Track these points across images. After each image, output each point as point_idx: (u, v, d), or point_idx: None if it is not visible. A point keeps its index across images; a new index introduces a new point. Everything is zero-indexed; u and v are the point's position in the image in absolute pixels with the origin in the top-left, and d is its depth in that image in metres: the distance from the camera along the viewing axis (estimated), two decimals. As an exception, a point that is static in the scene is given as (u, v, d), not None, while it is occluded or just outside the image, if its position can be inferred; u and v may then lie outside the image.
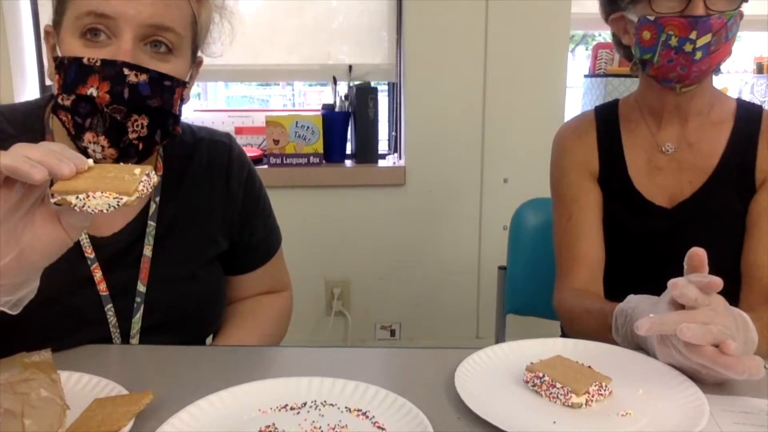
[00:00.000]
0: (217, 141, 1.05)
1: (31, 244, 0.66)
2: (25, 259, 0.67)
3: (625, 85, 2.27)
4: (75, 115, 0.84)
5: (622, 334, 0.90)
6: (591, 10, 2.37)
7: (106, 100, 0.82)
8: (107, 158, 0.85)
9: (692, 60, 1.02)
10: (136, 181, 0.66)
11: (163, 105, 0.86)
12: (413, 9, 2.26)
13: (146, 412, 0.68)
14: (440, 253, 2.42)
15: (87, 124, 0.83)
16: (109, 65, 0.82)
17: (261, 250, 1.09)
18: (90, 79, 0.82)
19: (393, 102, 2.48)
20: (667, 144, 1.15)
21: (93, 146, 0.84)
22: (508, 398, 0.75)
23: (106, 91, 0.82)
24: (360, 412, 0.70)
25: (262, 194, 1.09)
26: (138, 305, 0.93)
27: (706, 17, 1.00)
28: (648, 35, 1.06)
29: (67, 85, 0.83)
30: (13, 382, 0.65)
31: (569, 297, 1.12)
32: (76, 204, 0.64)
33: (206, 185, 1.01)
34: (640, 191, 1.15)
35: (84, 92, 0.82)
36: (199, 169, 1.01)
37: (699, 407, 0.70)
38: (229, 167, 1.04)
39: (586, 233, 1.15)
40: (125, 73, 0.82)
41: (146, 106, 0.84)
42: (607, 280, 1.16)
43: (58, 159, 0.64)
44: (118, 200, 0.65)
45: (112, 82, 0.82)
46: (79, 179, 0.65)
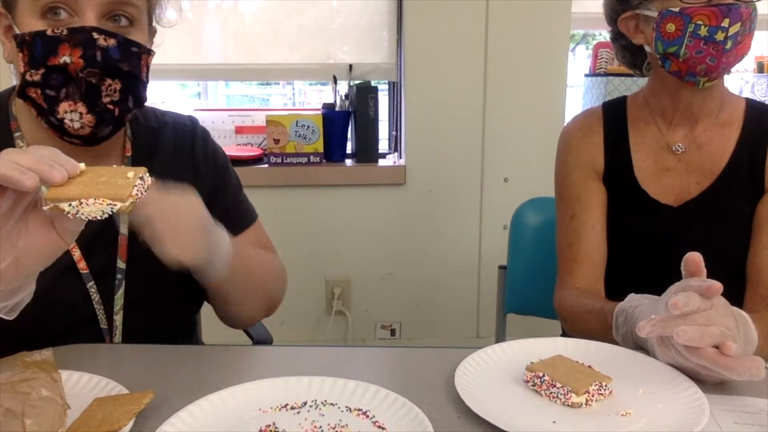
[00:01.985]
0: (181, 124, 1.07)
1: (26, 248, 0.66)
2: (20, 264, 0.67)
3: (626, 84, 2.27)
4: (46, 89, 0.84)
5: (622, 334, 0.90)
6: (591, 10, 2.38)
7: (81, 65, 0.83)
8: (85, 126, 0.86)
9: (723, 50, 1.01)
10: (130, 186, 0.65)
11: (132, 70, 0.88)
12: (413, 8, 2.26)
13: (147, 412, 0.68)
14: (440, 253, 2.42)
15: (61, 94, 0.84)
16: (78, 32, 0.83)
17: (235, 219, 1.08)
18: (60, 48, 0.83)
19: (393, 101, 2.48)
20: (677, 144, 1.14)
21: (70, 115, 0.85)
22: (508, 398, 0.75)
23: (79, 56, 0.83)
24: (360, 412, 0.70)
25: (227, 169, 1.10)
26: (120, 281, 0.95)
27: (737, 5, 1.00)
28: (673, 27, 1.04)
29: (35, 59, 0.84)
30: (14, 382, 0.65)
31: (570, 296, 1.11)
32: (69, 211, 0.64)
33: (174, 166, 1.03)
34: (646, 190, 1.14)
35: (56, 62, 0.83)
36: (166, 153, 1.03)
37: (699, 407, 0.70)
38: (192, 148, 1.06)
39: (588, 233, 1.15)
40: (95, 37, 0.83)
41: (118, 69, 0.86)
42: (610, 280, 1.15)
43: (50, 165, 0.64)
44: (112, 206, 0.64)
45: (84, 47, 0.83)
46: (71, 185, 0.65)
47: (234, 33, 2.36)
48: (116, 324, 0.95)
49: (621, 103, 1.21)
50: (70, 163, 0.66)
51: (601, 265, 1.15)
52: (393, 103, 2.48)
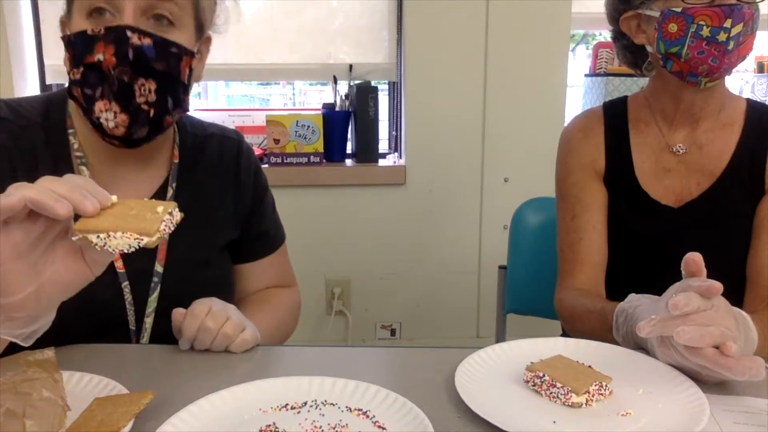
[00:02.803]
0: (228, 137, 1.09)
1: (51, 278, 0.65)
2: (44, 293, 0.65)
3: (626, 85, 2.27)
4: (85, 87, 0.86)
5: (622, 334, 0.90)
6: (592, 10, 2.38)
7: (113, 62, 0.84)
8: (119, 125, 0.87)
9: (725, 51, 1.01)
10: (159, 221, 0.65)
11: (170, 70, 0.88)
12: (413, 8, 2.26)
13: (146, 412, 0.68)
14: (440, 253, 2.42)
15: (97, 94, 0.86)
16: (112, 30, 0.84)
17: (267, 239, 1.12)
18: (96, 47, 0.84)
19: (393, 101, 2.48)
20: (678, 145, 1.14)
21: (106, 115, 0.86)
22: (508, 398, 0.75)
23: (111, 54, 0.84)
24: (360, 412, 0.70)
25: (267, 188, 1.14)
26: (155, 285, 0.95)
27: (740, 5, 0.99)
28: (675, 27, 1.04)
29: (76, 58, 0.86)
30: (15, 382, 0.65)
31: (570, 297, 1.11)
32: (97, 243, 0.63)
33: (217, 177, 1.05)
34: (647, 191, 1.14)
35: (92, 60, 0.84)
36: (211, 162, 1.05)
37: (699, 407, 0.70)
38: (238, 160, 1.07)
39: (589, 233, 1.15)
40: (128, 35, 0.84)
41: (151, 68, 0.86)
42: (611, 280, 1.15)
43: (83, 195, 0.63)
44: (139, 241, 0.64)
45: (116, 45, 0.84)
46: (101, 216, 0.64)
47: (234, 33, 2.36)
48: (146, 327, 0.95)
49: (622, 103, 1.21)
50: (102, 193, 0.65)
51: (601, 266, 1.15)
52: (393, 103, 2.48)
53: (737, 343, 0.74)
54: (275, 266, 1.14)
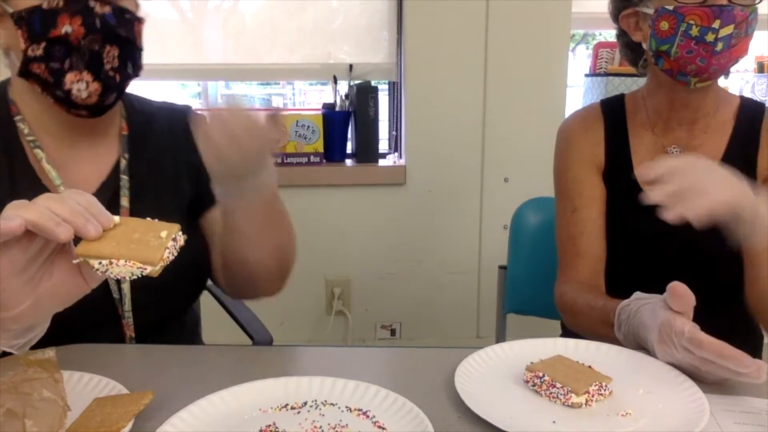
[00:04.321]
0: (176, 109, 1.11)
1: (48, 291, 0.65)
2: (40, 306, 0.65)
3: (626, 85, 2.26)
4: (50, 62, 0.86)
5: (623, 332, 0.90)
6: (591, 10, 2.38)
7: (82, 33, 0.85)
8: (92, 94, 0.88)
9: (712, 51, 1.01)
10: (162, 247, 0.64)
11: (129, 35, 0.91)
12: (414, 8, 2.26)
13: (146, 412, 0.68)
14: (440, 253, 2.42)
15: (66, 66, 0.86)
16: (73, 1, 0.85)
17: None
18: (60, 19, 0.85)
19: (393, 101, 2.48)
20: (672, 147, 1.14)
21: (77, 85, 0.87)
22: (508, 398, 0.75)
23: (80, 24, 0.85)
24: (360, 412, 0.70)
25: None
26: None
27: (730, 7, 0.99)
28: (666, 25, 1.04)
29: (36, 34, 0.86)
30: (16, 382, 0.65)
31: (571, 291, 1.12)
32: (98, 269, 0.63)
33: (169, 146, 1.06)
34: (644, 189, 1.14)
35: (57, 33, 0.85)
36: (162, 133, 1.06)
37: (699, 407, 0.70)
38: (187, 127, 1.06)
39: (589, 228, 1.15)
40: (91, 5, 0.86)
41: (116, 35, 0.88)
42: (609, 277, 1.15)
43: (85, 219, 0.63)
44: (142, 270, 0.63)
45: (83, 15, 0.85)
46: (103, 240, 0.63)
47: (234, 33, 2.36)
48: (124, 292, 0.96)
49: (619, 101, 1.22)
50: (104, 215, 0.65)
51: (601, 260, 1.16)
52: (393, 103, 2.48)
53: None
54: None
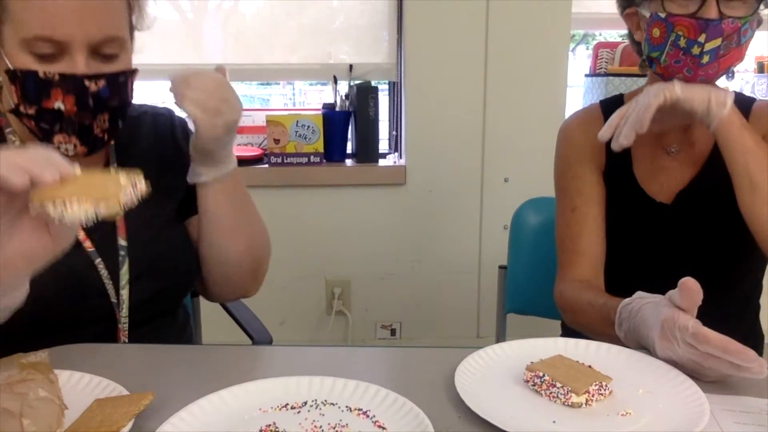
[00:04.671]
0: (159, 114, 1.12)
1: (16, 251, 0.66)
2: (10, 267, 0.66)
3: (626, 85, 2.26)
4: (41, 122, 0.87)
5: (624, 330, 0.90)
6: (592, 10, 2.38)
7: (74, 111, 0.86)
8: (79, 155, 0.90)
9: (698, 63, 1.02)
10: (120, 190, 0.64)
11: (121, 99, 0.92)
12: (414, 8, 2.25)
13: (146, 412, 0.68)
14: (441, 253, 2.42)
15: (55, 128, 0.88)
16: (69, 79, 0.85)
17: None
18: (53, 93, 0.85)
19: (393, 101, 2.48)
20: (673, 146, 1.15)
21: (65, 146, 0.89)
22: (508, 398, 0.75)
23: (72, 104, 0.86)
24: (360, 412, 0.71)
25: None
26: (123, 258, 0.98)
27: (717, 21, 0.99)
28: (658, 33, 1.05)
29: (29, 97, 0.86)
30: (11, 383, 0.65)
31: (571, 289, 1.12)
32: (54, 215, 0.63)
33: (155, 149, 1.07)
34: (643, 188, 1.15)
35: (50, 106, 0.85)
36: (148, 137, 1.08)
37: (699, 407, 0.70)
38: (173, 131, 1.11)
39: (589, 226, 1.16)
40: (86, 84, 0.86)
41: (107, 106, 0.90)
42: (608, 275, 1.16)
43: (42, 166, 0.63)
44: (97, 211, 0.63)
45: (76, 95, 0.86)
46: (62, 188, 0.64)
47: (234, 33, 2.36)
48: (123, 298, 0.97)
49: (618, 102, 1.22)
50: (64, 165, 0.65)
51: (601, 259, 1.16)
52: (393, 103, 2.48)
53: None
54: None
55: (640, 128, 1.01)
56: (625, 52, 2.33)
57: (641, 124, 1.00)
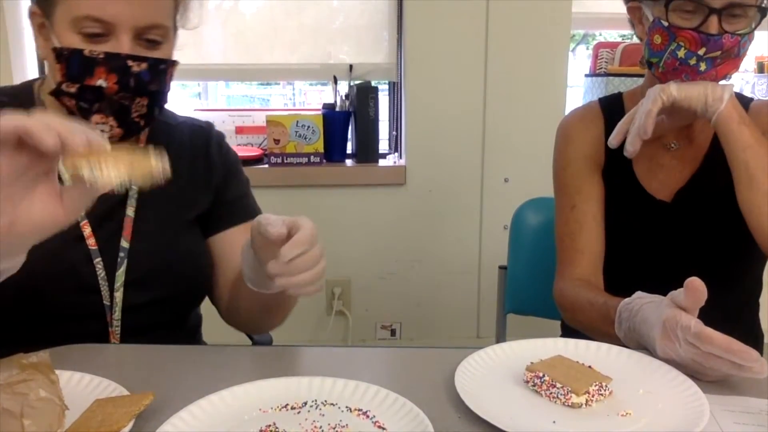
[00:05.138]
0: (198, 126, 1.12)
1: (26, 215, 0.65)
2: (15, 230, 0.65)
3: (626, 85, 2.26)
4: (80, 101, 0.89)
5: (624, 329, 0.91)
6: (592, 10, 2.38)
7: (115, 89, 0.89)
8: (114, 135, 0.91)
9: (697, 71, 1.03)
10: (151, 163, 0.66)
11: (160, 86, 0.94)
12: (414, 8, 2.26)
13: (146, 412, 0.68)
14: (440, 253, 2.42)
15: (94, 108, 0.90)
16: (113, 58, 0.88)
17: (240, 207, 1.11)
18: (96, 71, 0.87)
19: (393, 101, 2.48)
20: (672, 142, 1.16)
21: (101, 126, 0.90)
22: (508, 398, 0.75)
23: (114, 82, 0.88)
24: (360, 412, 0.71)
25: (238, 166, 1.15)
26: (122, 259, 0.98)
27: (718, 36, 1.00)
28: (659, 40, 1.06)
29: (72, 75, 0.88)
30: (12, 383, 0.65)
31: (570, 287, 1.12)
32: (89, 176, 0.62)
33: (187, 159, 1.07)
34: (643, 186, 1.15)
35: (92, 83, 0.88)
36: (181, 147, 1.07)
37: (699, 407, 0.70)
38: (208, 147, 1.10)
39: (589, 223, 1.16)
40: (129, 64, 0.88)
41: (147, 90, 0.92)
42: (607, 274, 1.16)
43: (73, 131, 0.62)
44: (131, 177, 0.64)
45: (119, 74, 0.88)
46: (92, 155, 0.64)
47: (234, 33, 2.36)
48: (116, 300, 0.97)
49: (617, 99, 1.23)
50: (95, 134, 0.65)
51: (600, 256, 1.16)
52: (393, 103, 2.48)
53: None
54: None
55: (644, 134, 1.02)
56: (625, 52, 2.33)
57: (645, 131, 1.02)
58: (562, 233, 1.19)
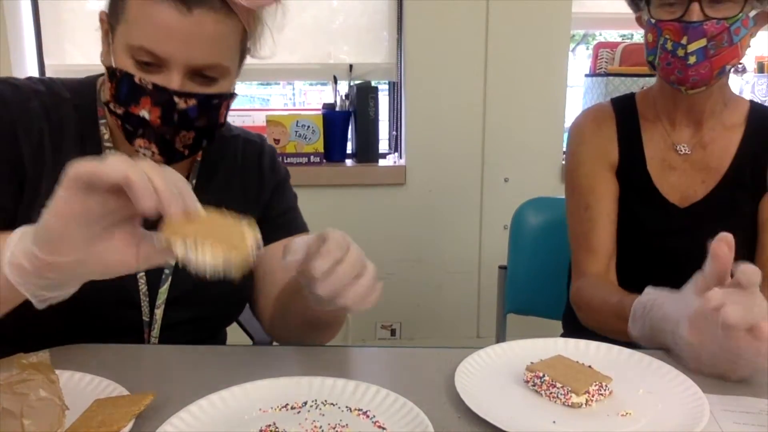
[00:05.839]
0: (251, 140, 1.10)
1: (98, 257, 0.64)
2: (85, 266, 0.65)
3: (626, 85, 2.27)
4: (125, 123, 0.87)
5: (639, 327, 0.90)
6: (592, 10, 2.38)
7: (157, 123, 0.86)
8: (156, 161, 0.88)
9: (686, 64, 1.04)
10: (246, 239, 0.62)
11: (209, 122, 0.90)
12: (414, 8, 2.26)
13: (146, 412, 0.68)
14: (441, 253, 2.42)
15: (138, 132, 0.87)
16: (160, 91, 0.84)
17: (286, 222, 1.11)
18: (142, 101, 0.85)
19: (393, 101, 2.48)
20: (682, 145, 1.16)
21: (144, 150, 0.88)
22: (508, 398, 0.75)
23: (157, 116, 0.85)
24: (361, 412, 0.70)
25: (287, 182, 1.13)
26: (166, 277, 0.96)
27: (698, 23, 1.01)
28: (651, 38, 1.08)
29: (120, 98, 0.86)
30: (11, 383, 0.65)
31: (587, 287, 1.12)
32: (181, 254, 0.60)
33: (239, 176, 1.05)
34: (657, 187, 1.15)
35: (136, 112, 0.85)
36: (234, 162, 1.06)
37: (699, 407, 0.70)
38: (260, 160, 1.08)
39: (603, 223, 1.16)
40: (175, 100, 0.85)
41: (193, 125, 0.88)
42: (620, 273, 1.16)
43: (171, 197, 0.61)
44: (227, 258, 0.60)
45: (163, 109, 0.85)
46: (187, 225, 0.62)
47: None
48: (156, 318, 0.96)
49: (630, 99, 1.23)
50: (192, 200, 0.63)
51: (614, 256, 1.16)
52: (393, 103, 2.48)
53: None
54: None
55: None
56: (625, 52, 2.33)
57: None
58: (576, 233, 1.19)
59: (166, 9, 0.81)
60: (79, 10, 2.26)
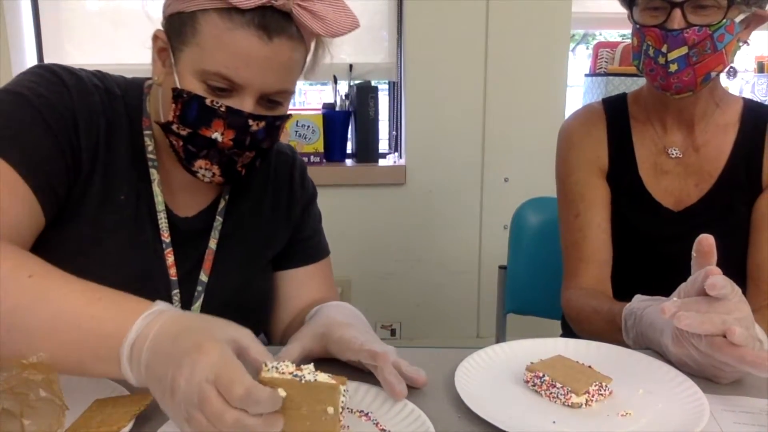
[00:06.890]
0: (282, 152, 1.09)
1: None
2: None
3: (626, 85, 2.27)
4: (189, 144, 0.87)
5: (632, 336, 0.90)
6: (592, 10, 2.38)
7: (230, 146, 0.86)
8: (214, 182, 0.90)
9: (667, 72, 1.02)
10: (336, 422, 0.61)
11: (271, 143, 0.92)
12: (414, 8, 2.26)
13: (146, 412, 0.68)
14: (440, 253, 2.42)
15: (201, 153, 0.87)
16: (236, 114, 0.84)
17: (309, 249, 1.09)
18: (215, 123, 0.84)
19: (393, 101, 2.48)
20: (674, 149, 1.14)
21: (204, 171, 0.88)
22: (508, 398, 0.75)
23: (230, 138, 0.85)
24: (361, 413, 0.70)
25: (314, 201, 1.12)
26: (199, 294, 0.96)
27: (678, 31, 0.99)
28: (635, 42, 1.07)
29: (187, 120, 0.85)
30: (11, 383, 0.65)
31: (577, 297, 1.11)
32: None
33: (271, 191, 1.05)
34: (649, 191, 1.14)
35: (207, 134, 0.85)
36: (266, 176, 1.05)
37: (699, 407, 0.70)
38: (292, 174, 1.08)
39: (594, 231, 1.14)
40: (249, 123, 0.85)
41: (259, 147, 0.89)
42: (615, 279, 1.15)
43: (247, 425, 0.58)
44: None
45: (237, 131, 0.85)
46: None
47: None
48: None
49: (621, 100, 1.21)
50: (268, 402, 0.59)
51: (607, 264, 1.14)
52: (393, 103, 2.48)
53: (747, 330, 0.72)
54: (318, 279, 1.09)
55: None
56: (625, 52, 2.33)
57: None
58: (567, 242, 1.18)
59: (247, 37, 0.81)
60: (79, 10, 2.26)
